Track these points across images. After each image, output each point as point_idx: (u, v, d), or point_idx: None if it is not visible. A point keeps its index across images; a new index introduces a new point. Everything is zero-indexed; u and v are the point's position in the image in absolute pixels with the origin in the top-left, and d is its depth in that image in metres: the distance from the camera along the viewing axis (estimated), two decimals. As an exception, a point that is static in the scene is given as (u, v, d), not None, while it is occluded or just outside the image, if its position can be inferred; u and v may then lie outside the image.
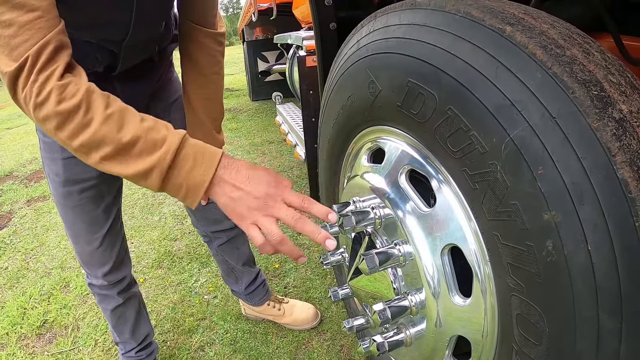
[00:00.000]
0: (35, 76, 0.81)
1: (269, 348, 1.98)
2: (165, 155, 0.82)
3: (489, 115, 0.63)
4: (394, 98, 0.85)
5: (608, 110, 0.54)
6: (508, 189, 0.61)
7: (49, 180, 1.38)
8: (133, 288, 1.65)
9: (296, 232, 0.80)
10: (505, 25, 0.64)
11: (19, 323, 2.50)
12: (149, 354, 1.77)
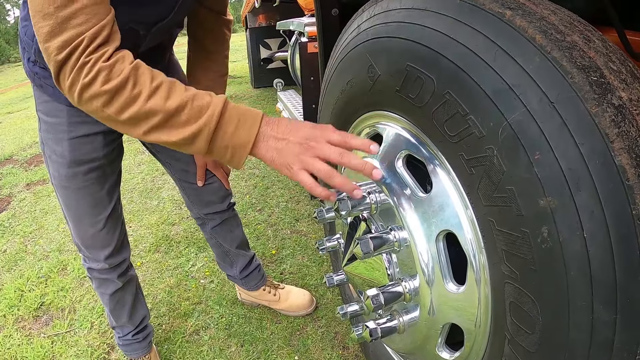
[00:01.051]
0: (85, 58, 0.83)
1: (264, 333, 1.99)
2: (211, 119, 0.85)
3: (487, 99, 0.63)
4: (393, 82, 0.84)
5: (607, 97, 0.54)
6: (504, 174, 0.61)
7: (50, 162, 1.37)
8: (131, 271, 1.65)
9: (343, 166, 0.82)
10: (505, 10, 0.64)
11: (16, 305, 2.51)
12: (145, 337, 1.78)
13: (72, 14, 0.82)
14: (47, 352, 2.12)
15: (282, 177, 3.62)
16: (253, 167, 3.93)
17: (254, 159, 3.96)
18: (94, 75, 0.82)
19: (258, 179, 3.71)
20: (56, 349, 2.13)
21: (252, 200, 3.32)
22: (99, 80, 0.82)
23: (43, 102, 1.29)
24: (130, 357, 1.81)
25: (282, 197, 3.33)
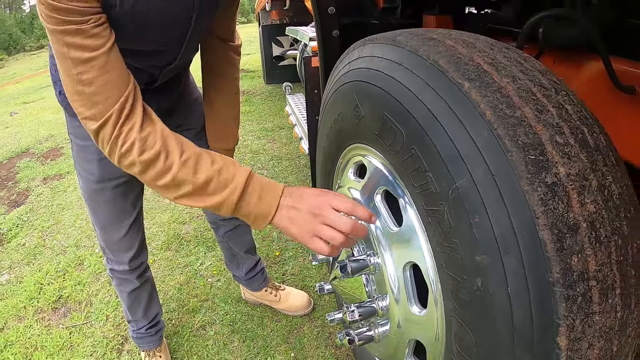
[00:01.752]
0: (118, 130, 0.93)
1: (264, 331, 2.13)
2: (234, 191, 0.95)
3: (442, 162, 0.71)
4: (373, 126, 0.93)
5: (541, 175, 0.60)
6: (451, 229, 0.71)
7: (80, 178, 1.50)
8: (147, 272, 1.80)
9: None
10: (464, 81, 0.69)
11: (35, 297, 2.66)
12: (157, 331, 1.93)
13: (96, 92, 0.92)
14: (65, 342, 2.27)
15: (288, 179, 3.69)
16: (262, 168, 3.99)
17: (263, 158, 4.09)
18: (129, 147, 0.93)
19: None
20: (74, 339, 2.28)
21: None
22: (134, 151, 0.93)
23: (75, 127, 1.41)
24: (143, 349, 1.96)
25: None
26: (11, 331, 2.43)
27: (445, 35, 0.80)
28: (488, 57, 0.73)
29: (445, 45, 0.75)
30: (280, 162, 4.08)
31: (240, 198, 0.95)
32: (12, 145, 5.79)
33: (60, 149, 5.31)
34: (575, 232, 0.56)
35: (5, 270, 3.05)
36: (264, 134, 4.93)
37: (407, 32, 0.86)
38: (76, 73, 0.90)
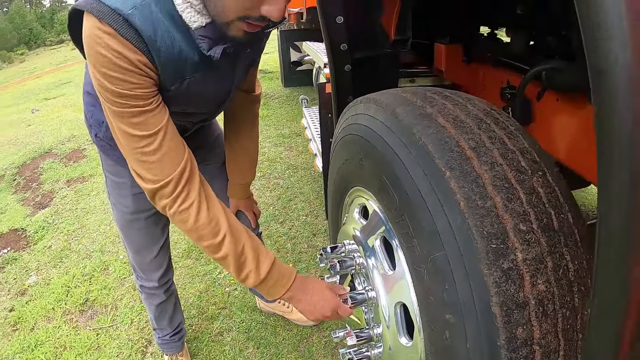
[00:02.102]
0: (179, 192, 1.09)
1: (277, 339, 2.26)
2: (257, 278, 1.18)
3: (424, 234, 0.83)
4: (374, 183, 1.06)
5: (499, 261, 0.70)
6: (428, 289, 0.84)
7: (115, 209, 1.64)
8: (173, 287, 1.95)
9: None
10: (447, 169, 0.78)
11: (63, 300, 2.81)
12: (180, 338, 2.08)
13: (158, 160, 1.06)
14: (92, 342, 2.43)
15: (304, 190, 3.77)
16: (278, 177, 4.07)
17: (279, 167, 4.16)
18: (187, 207, 1.10)
19: (282, 189, 3.84)
20: (100, 341, 2.43)
21: (275, 212, 3.47)
22: (191, 211, 1.10)
23: (109, 165, 1.55)
24: (167, 353, 2.12)
25: (302, 211, 3.46)
26: (41, 331, 2.59)
27: (441, 108, 0.90)
28: (474, 139, 0.82)
29: (436, 124, 0.85)
30: (296, 172, 4.13)
31: (261, 282, 1.20)
32: (34, 145, 5.90)
33: (82, 151, 5.44)
34: (523, 308, 0.68)
35: (32, 271, 3.20)
36: (281, 141, 4.96)
37: (406, 105, 0.95)
38: (140, 146, 1.04)
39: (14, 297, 2.99)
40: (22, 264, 3.35)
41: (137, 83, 0.99)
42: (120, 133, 1.04)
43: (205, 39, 1.01)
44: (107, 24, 0.92)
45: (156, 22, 0.97)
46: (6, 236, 3.80)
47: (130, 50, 0.95)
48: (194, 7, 0.97)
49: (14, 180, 4.92)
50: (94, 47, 0.94)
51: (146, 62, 0.99)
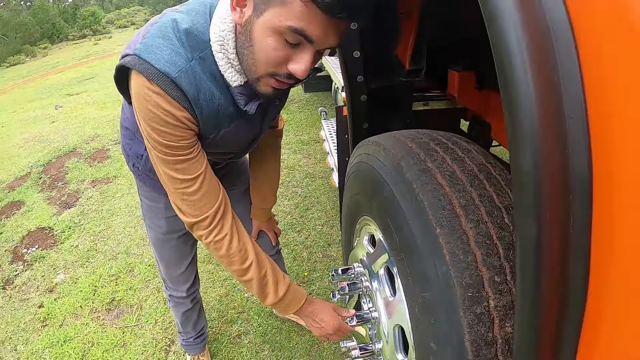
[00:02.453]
0: (214, 225, 1.25)
1: (290, 343, 2.41)
2: (275, 299, 1.37)
3: (417, 275, 0.95)
4: (380, 221, 1.18)
5: (473, 307, 0.81)
6: (419, 319, 0.98)
7: (149, 229, 1.79)
8: (198, 295, 2.10)
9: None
10: (437, 226, 0.89)
11: (90, 298, 2.98)
12: (202, 340, 2.25)
13: (198, 199, 1.21)
14: (119, 340, 2.59)
15: (321, 199, 3.84)
16: (296, 186, 4.14)
17: (297, 175, 4.25)
18: (221, 239, 1.26)
19: (300, 198, 3.91)
20: (126, 339, 2.60)
21: (292, 221, 3.56)
22: (222, 249, 1.26)
23: (145, 191, 1.70)
24: (189, 354, 2.29)
25: (319, 220, 3.54)
26: (69, 327, 2.76)
27: (440, 164, 1.02)
28: (465, 197, 0.92)
29: (434, 182, 0.97)
30: (314, 181, 4.20)
31: (277, 302, 1.38)
32: (59, 143, 6.09)
33: (106, 151, 5.61)
34: (491, 346, 0.81)
35: (60, 270, 3.38)
36: (300, 148, 5.02)
37: (410, 158, 1.06)
38: (182, 187, 1.19)
39: (42, 294, 3.16)
40: (50, 262, 3.52)
41: (181, 136, 1.13)
42: (165, 175, 1.19)
43: (242, 95, 1.16)
44: (156, 84, 1.04)
45: (200, 82, 1.10)
46: (34, 234, 3.97)
47: (177, 108, 1.09)
48: (234, 67, 1.11)
49: (39, 178, 5.09)
50: (143, 104, 1.07)
51: (190, 118, 1.13)
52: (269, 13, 0.96)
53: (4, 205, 4.64)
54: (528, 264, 0.60)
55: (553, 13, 0.56)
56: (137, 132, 1.41)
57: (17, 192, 4.88)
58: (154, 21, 1.12)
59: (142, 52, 1.04)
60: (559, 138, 0.55)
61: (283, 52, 0.99)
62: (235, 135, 1.31)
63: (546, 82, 0.54)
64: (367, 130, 1.84)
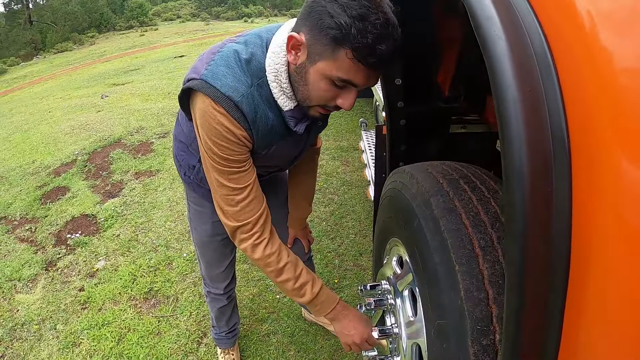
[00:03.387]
0: (253, 232, 1.39)
1: (316, 346, 2.51)
2: (310, 301, 1.47)
3: (435, 303, 1.06)
4: (409, 247, 1.30)
5: (480, 339, 0.90)
6: (433, 341, 1.09)
7: (194, 232, 1.95)
8: (234, 294, 2.24)
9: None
10: (457, 264, 0.99)
11: (129, 286, 3.14)
12: (233, 336, 2.39)
13: (244, 206, 1.35)
14: (154, 328, 2.74)
15: (356, 208, 3.89)
16: (333, 193, 4.20)
17: (335, 182, 4.33)
18: (257, 248, 1.40)
19: (336, 205, 3.97)
20: (161, 327, 2.74)
21: (327, 228, 3.63)
22: (258, 251, 1.40)
23: (193, 197, 1.85)
24: (220, 347, 2.43)
25: (352, 229, 3.59)
26: (108, 312, 2.93)
27: (466, 204, 1.12)
28: (484, 239, 1.00)
29: (459, 221, 1.08)
30: (351, 189, 4.25)
31: (309, 303, 1.49)
32: (104, 133, 6.30)
33: (150, 145, 5.79)
34: None
35: (102, 256, 3.55)
36: (339, 154, 5.06)
37: (440, 196, 1.17)
38: (233, 194, 1.35)
39: (83, 278, 3.34)
40: (92, 248, 3.71)
41: (237, 151, 1.30)
42: (217, 183, 1.35)
43: (293, 118, 1.33)
44: (221, 106, 1.21)
45: (257, 106, 1.27)
46: (78, 220, 4.17)
47: (237, 127, 1.26)
48: (286, 94, 1.28)
49: (85, 166, 5.31)
50: (208, 121, 1.23)
51: (247, 137, 1.29)
52: (322, 63, 1.13)
53: (50, 189, 4.85)
54: (510, 331, 0.72)
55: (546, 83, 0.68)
56: (191, 145, 1.59)
57: (63, 177, 5.08)
58: (216, 50, 1.31)
59: (209, 78, 1.22)
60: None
61: (332, 92, 1.18)
62: (283, 151, 1.48)
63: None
64: (404, 151, 1.93)
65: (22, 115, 9.38)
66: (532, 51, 0.71)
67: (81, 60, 20.42)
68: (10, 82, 19.35)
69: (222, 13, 51.04)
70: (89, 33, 37.04)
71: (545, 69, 0.69)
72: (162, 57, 15.83)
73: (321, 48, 1.11)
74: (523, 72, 0.68)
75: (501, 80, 0.68)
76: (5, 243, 3.97)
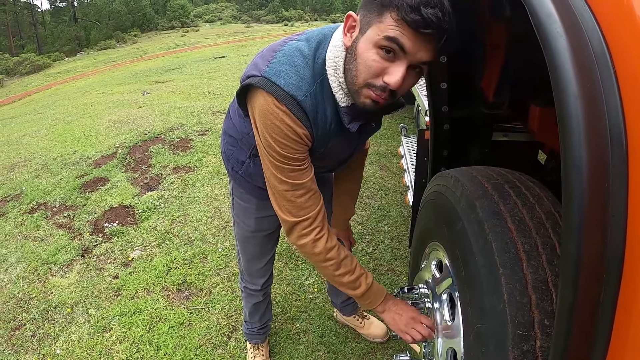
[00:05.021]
0: (314, 227, 1.37)
1: (346, 347, 2.51)
2: (366, 286, 1.45)
3: (476, 306, 1.07)
4: (450, 250, 1.30)
5: (521, 344, 0.90)
6: (471, 346, 1.08)
7: (237, 227, 1.96)
8: (269, 291, 2.26)
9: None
10: (500, 267, 1.00)
11: (163, 277, 3.19)
12: (264, 332, 2.40)
13: (302, 202, 1.34)
14: (185, 319, 2.77)
15: (392, 213, 3.88)
16: (370, 197, 4.20)
17: (372, 187, 4.33)
18: (317, 242, 1.38)
19: (372, 209, 3.97)
20: (192, 319, 2.77)
21: (363, 231, 3.62)
22: (320, 246, 1.38)
23: (239, 192, 1.85)
24: (250, 342, 2.44)
25: (388, 234, 3.57)
26: (140, 300, 2.98)
27: (511, 208, 1.12)
28: (529, 243, 1.01)
29: (503, 225, 1.08)
30: (388, 194, 4.23)
31: (360, 298, 1.47)
32: (145, 128, 6.45)
33: (189, 141, 5.88)
34: None
35: (137, 246, 3.62)
36: (377, 159, 5.04)
37: (485, 199, 1.17)
38: (292, 190, 1.34)
39: (118, 267, 3.41)
40: (128, 238, 3.78)
41: (298, 149, 1.30)
42: (276, 180, 1.35)
43: (347, 115, 1.31)
44: (284, 104, 1.20)
45: (319, 105, 1.28)
46: (116, 210, 4.27)
47: (299, 126, 1.25)
48: (343, 89, 1.27)
49: (125, 159, 5.44)
50: (270, 119, 1.23)
51: (307, 135, 1.30)
52: (370, 31, 1.13)
53: (90, 179, 4.98)
54: (562, 324, 0.72)
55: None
56: (241, 140, 1.60)
57: (103, 169, 5.21)
58: (277, 48, 1.31)
59: (272, 75, 1.22)
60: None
61: (380, 63, 1.14)
62: (336, 150, 1.48)
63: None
64: (446, 157, 1.93)
65: (65, 108, 9.66)
66: (591, 49, 0.71)
67: (123, 58, 20.87)
68: (54, 75, 19.93)
69: (263, 16, 51.68)
70: (131, 32, 37.94)
71: (603, 67, 0.70)
72: (203, 58, 16.12)
73: (370, 17, 1.13)
74: (583, 69, 0.68)
75: (562, 76, 0.69)
76: (43, 228, 4.08)
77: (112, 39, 34.43)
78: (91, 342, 2.67)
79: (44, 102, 11.44)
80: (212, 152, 5.48)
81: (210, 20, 48.11)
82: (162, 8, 45.17)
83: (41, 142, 6.75)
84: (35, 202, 4.60)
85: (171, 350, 2.56)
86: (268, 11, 53.64)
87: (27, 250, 3.73)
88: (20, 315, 2.98)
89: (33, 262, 3.56)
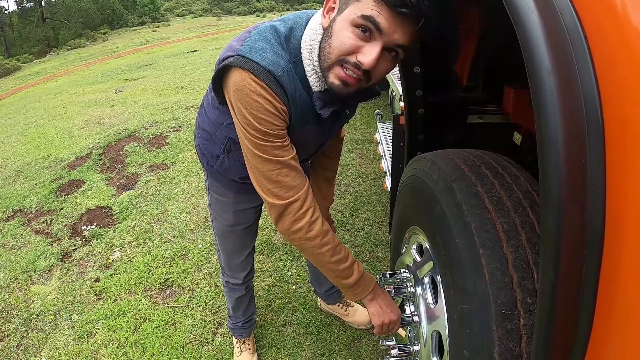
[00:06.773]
0: (307, 208, 1.31)
1: (332, 336, 2.52)
2: (359, 274, 1.40)
3: (458, 288, 1.06)
4: (430, 234, 1.29)
5: (504, 323, 0.90)
6: (456, 328, 1.08)
7: (215, 222, 1.94)
8: (251, 284, 2.25)
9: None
10: (481, 247, 0.99)
11: (145, 277, 3.15)
12: (249, 326, 2.39)
13: (289, 181, 1.28)
14: (169, 318, 2.74)
15: (371, 200, 3.88)
16: (348, 185, 4.19)
17: (350, 174, 4.33)
18: (314, 225, 1.32)
19: (351, 197, 3.96)
20: (177, 317, 2.75)
21: (342, 220, 3.61)
22: (316, 228, 1.32)
23: (215, 187, 1.82)
24: (236, 337, 2.42)
25: (368, 221, 3.58)
26: (123, 302, 2.94)
27: (489, 189, 1.11)
28: (508, 223, 1.01)
29: (482, 205, 1.08)
30: (366, 181, 4.24)
31: (350, 288, 1.42)
32: (119, 127, 6.36)
33: (164, 138, 5.83)
34: (518, 359, 0.91)
35: (117, 248, 3.57)
36: (354, 147, 5.05)
37: (462, 181, 1.16)
38: (277, 169, 1.28)
39: (99, 269, 3.36)
40: (107, 239, 3.72)
41: (277, 125, 1.25)
42: (259, 160, 1.29)
43: (320, 100, 1.29)
44: (261, 79, 1.17)
45: (294, 82, 1.25)
46: (93, 212, 4.20)
47: (277, 101, 1.20)
48: (317, 74, 1.25)
49: (99, 159, 5.35)
50: (247, 94, 1.19)
51: (286, 111, 1.26)
52: (348, 10, 1.12)
53: (65, 182, 4.88)
54: (545, 301, 0.72)
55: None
56: (215, 135, 1.57)
57: (78, 171, 5.12)
58: (251, 29, 1.29)
59: (247, 52, 1.19)
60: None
61: (355, 41, 1.12)
62: (309, 137, 1.44)
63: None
64: (422, 141, 1.93)
65: (37, 111, 9.46)
66: (564, 24, 0.71)
67: (94, 57, 20.55)
68: (25, 78, 19.51)
69: (234, 8, 51.25)
70: (101, 30, 37.38)
71: (577, 42, 0.69)
72: (174, 53, 15.92)
73: None
74: (556, 44, 0.68)
75: (534, 51, 0.68)
76: (20, 235, 4.00)
77: (82, 37, 33.88)
78: (76, 348, 2.63)
79: (14, 106, 11.20)
80: (187, 147, 5.43)
81: (181, 14, 47.57)
82: (131, 4, 44.58)
83: (14, 147, 6.61)
84: (11, 209, 4.51)
85: (157, 350, 2.53)
86: (239, 3, 53.17)
87: (5, 259, 3.66)
88: (4, 326, 2.92)
89: (12, 270, 3.48)
